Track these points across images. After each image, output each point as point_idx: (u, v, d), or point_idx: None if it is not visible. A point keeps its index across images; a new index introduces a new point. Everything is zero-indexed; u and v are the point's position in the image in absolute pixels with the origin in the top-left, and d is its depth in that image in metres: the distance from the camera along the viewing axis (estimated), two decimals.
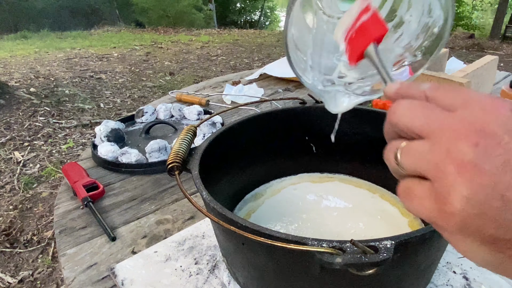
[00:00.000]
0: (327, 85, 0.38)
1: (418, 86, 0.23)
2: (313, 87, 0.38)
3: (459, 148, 0.18)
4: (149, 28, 8.30)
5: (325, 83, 0.38)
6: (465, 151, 0.18)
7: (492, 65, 1.01)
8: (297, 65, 0.36)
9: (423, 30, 0.34)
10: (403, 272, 0.36)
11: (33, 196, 1.86)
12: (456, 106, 0.20)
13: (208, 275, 0.47)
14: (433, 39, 0.34)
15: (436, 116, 0.20)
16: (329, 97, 0.38)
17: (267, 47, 5.93)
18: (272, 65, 1.35)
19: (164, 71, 4.25)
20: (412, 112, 0.21)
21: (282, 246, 0.28)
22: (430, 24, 0.34)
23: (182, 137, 0.44)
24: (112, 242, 0.55)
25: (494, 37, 6.88)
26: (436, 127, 0.19)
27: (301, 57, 0.37)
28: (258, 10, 12.49)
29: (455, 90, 0.21)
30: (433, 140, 0.19)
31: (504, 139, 0.18)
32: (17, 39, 6.44)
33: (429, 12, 0.33)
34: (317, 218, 0.52)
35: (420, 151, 0.20)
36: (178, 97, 1.12)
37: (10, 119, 2.72)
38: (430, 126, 0.20)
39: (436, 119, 0.20)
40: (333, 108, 0.38)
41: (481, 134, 0.18)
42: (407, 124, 0.21)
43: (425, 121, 0.20)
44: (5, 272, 1.40)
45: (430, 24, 0.34)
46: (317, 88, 0.38)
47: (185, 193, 0.34)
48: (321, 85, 0.38)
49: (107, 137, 0.80)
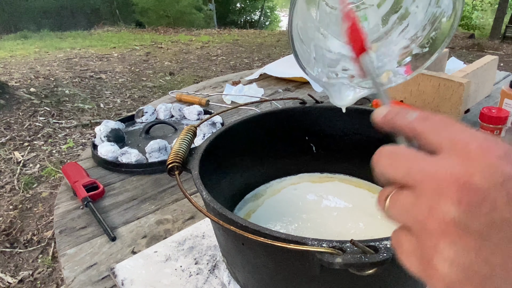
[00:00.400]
0: (331, 78, 0.37)
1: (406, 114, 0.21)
2: (317, 79, 0.37)
3: (441, 205, 0.17)
4: (149, 28, 8.29)
5: (329, 76, 0.37)
6: (447, 210, 0.16)
7: (492, 65, 1.01)
8: (302, 57, 0.36)
9: (431, 21, 0.34)
10: (403, 272, 0.35)
11: (33, 196, 1.86)
12: (442, 147, 0.18)
13: (208, 275, 0.47)
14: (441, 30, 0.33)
15: (418, 165, 0.18)
16: (333, 90, 0.38)
17: (267, 47, 5.93)
18: (272, 65, 1.35)
19: (164, 71, 4.25)
20: (394, 162, 0.19)
21: (282, 246, 0.28)
22: (438, 14, 0.33)
23: (182, 137, 0.44)
24: (112, 242, 0.55)
25: (494, 37, 6.87)
26: (418, 178, 0.18)
27: (305, 49, 0.36)
28: (258, 10, 12.49)
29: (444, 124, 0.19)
30: (417, 193, 0.18)
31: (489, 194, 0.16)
32: (17, 39, 6.43)
33: (437, 2, 0.33)
34: (317, 218, 0.52)
35: (405, 203, 0.19)
36: (178, 97, 1.12)
37: (10, 119, 2.72)
38: (413, 177, 0.18)
39: (419, 169, 0.18)
40: (338, 102, 0.38)
41: (465, 189, 0.16)
42: (390, 175, 0.20)
43: (407, 171, 0.19)
44: (5, 272, 1.40)
45: (438, 14, 0.33)
46: (322, 81, 0.37)
47: (185, 193, 0.34)
48: (326, 78, 0.37)
49: (107, 137, 0.80)
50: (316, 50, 0.37)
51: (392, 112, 0.22)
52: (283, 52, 5.46)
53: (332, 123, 0.57)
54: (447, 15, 0.33)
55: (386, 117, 0.22)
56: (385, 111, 0.23)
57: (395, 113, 0.22)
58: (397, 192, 0.19)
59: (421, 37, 0.35)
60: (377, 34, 0.36)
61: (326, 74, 0.37)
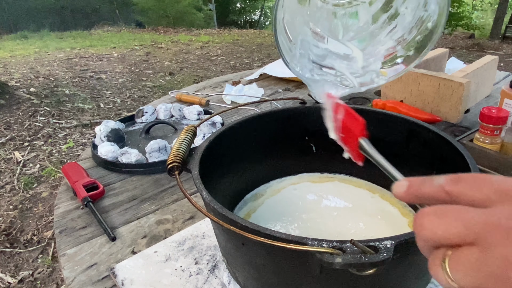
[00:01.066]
0: (315, 74, 0.38)
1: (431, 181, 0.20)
2: (300, 75, 0.38)
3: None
4: (149, 28, 8.29)
5: (313, 72, 0.38)
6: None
7: (492, 65, 1.01)
8: (286, 51, 0.36)
9: (417, 24, 0.34)
10: (403, 272, 0.36)
11: (33, 196, 1.86)
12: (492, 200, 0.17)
13: (208, 275, 0.47)
14: (426, 34, 0.34)
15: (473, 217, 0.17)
16: (316, 86, 0.38)
17: (267, 47, 5.93)
18: (272, 65, 1.35)
19: (164, 71, 4.25)
20: (443, 221, 0.18)
21: (282, 246, 0.28)
22: (424, 18, 0.33)
23: (182, 137, 0.44)
24: (112, 242, 0.55)
25: (494, 37, 6.87)
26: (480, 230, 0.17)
27: (290, 44, 0.36)
28: (258, 10, 12.49)
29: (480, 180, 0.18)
30: (482, 246, 0.16)
31: None
32: (17, 39, 6.43)
33: (424, 6, 0.33)
34: (317, 218, 0.52)
35: (472, 261, 0.17)
36: (178, 97, 1.12)
37: (10, 119, 2.72)
38: (473, 231, 0.17)
39: (476, 221, 0.17)
40: (319, 97, 0.38)
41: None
42: (444, 236, 0.18)
43: (464, 226, 0.17)
44: (5, 272, 1.40)
45: (425, 18, 0.33)
46: (305, 76, 0.38)
47: (185, 193, 0.34)
48: (309, 73, 0.38)
49: (107, 137, 0.80)
50: (303, 45, 0.37)
51: (415, 183, 0.21)
52: None
53: None
54: (432, 20, 0.33)
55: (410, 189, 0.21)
56: (405, 184, 0.22)
57: (419, 184, 0.21)
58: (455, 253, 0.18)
59: (407, 40, 0.35)
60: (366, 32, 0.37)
61: (310, 69, 0.37)
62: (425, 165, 0.49)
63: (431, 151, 0.48)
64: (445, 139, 0.45)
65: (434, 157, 0.48)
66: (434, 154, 0.48)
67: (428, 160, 0.49)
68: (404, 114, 0.75)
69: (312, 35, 0.37)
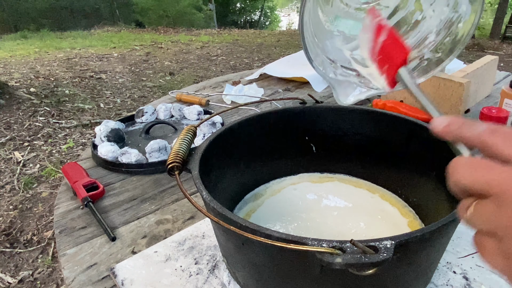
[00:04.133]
0: (338, 74, 0.37)
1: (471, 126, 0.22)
2: (324, 74, 0.37)
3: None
4: (149, 28, 8.29)
5: (337, 72, 0.37)
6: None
7: (492, 65, 1.01)
8: (311, 50, 0.35)
9: (446, 26, 0.33)
10: (403, 272, 0.36)
11: (33, 196, 1.86)
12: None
13: (208, 275, 0.47)
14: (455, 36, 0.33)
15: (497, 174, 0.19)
16: (339, 87, 0.37)
17: (267, 47, 5.93)
18: (272, 65, 1.35)
19: (164, 71, 4.25)
20: (474, 172, 0.20)
21: (282, 246, 0.28)
22: (454, 19, 0.32)
23: (182, 137, 0.44)
24: (112, 242, 0.55)
25: (494, 37, 6.88)
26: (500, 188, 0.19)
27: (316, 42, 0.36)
28: (258, 10, 12.49)
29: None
30: (498, 201, 0.19)
31: None
32: (17, 39, 6.44)
33: (454, 7, 0.32)
34: (317, 218, 0.52)
35: (487, 212, 0.19)
36: (178, 97, 1.12)
37: (10, 119, 2.72)
38: (493, 187, 0.19)
39: (498, 178, 0.19)
40: (342, 99, 0.37)
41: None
42: (469, 185, 0.20)
43: (488, 181, 0.19)
44: (5, 272, 1.40)
45: (455, 19, 0.32)
46: (328, 76, 0.37)
47: (185, 193, 0.34)
48: (333, 73, 0.37)
49: (107, 137, 0.80)
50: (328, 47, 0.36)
51: (456, 123, 0.23)
52: (283, 52, 5.46)
53: (332, 123, 0.57)
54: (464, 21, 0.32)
55: (449, 127, 0.23)
56: (445, 121, 0.23)
57: (460, 124, 0.23)
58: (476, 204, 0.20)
59: (435, 42, 0.34)
60: None
61: (333, 70, 0.37)
62: (425, 165, 0.49)
63: (431, 151, 0.48)
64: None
65: (434, 157, 0.48)
66: (434, 154, 0.48)
67: (428, 160, 0.49)
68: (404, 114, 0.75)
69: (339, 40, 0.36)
